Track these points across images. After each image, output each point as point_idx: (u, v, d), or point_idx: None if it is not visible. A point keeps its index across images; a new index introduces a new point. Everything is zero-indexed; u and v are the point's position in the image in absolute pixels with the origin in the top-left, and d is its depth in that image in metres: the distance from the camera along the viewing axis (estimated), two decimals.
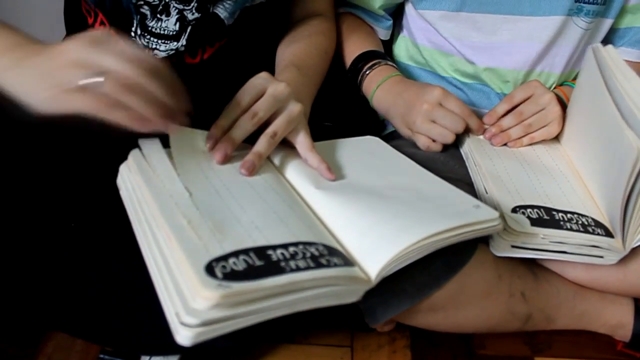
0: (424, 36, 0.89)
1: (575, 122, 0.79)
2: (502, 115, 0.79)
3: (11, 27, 0.55)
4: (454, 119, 0.75)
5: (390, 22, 0.91)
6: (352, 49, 0.87)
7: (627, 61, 0.88)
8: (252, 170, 0.60)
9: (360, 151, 0.73)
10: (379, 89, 0.82)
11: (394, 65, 0.86)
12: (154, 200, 0.52)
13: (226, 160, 0.61)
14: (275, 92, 0.62)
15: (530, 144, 0.80)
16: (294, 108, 0.64)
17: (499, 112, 0.79)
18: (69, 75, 0.48)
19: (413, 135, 0.78)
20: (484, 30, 0.83)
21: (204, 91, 0.79)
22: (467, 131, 0.79)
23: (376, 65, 0.84)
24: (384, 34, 0.92)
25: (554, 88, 0.87)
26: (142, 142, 0.59)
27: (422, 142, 0.77)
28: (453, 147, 0.79)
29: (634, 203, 0.62)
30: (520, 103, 0.78)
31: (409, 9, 0.90)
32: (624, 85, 0.67)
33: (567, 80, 0.89)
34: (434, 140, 0.77)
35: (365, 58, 0.85)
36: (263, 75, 0.64)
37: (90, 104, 0.48)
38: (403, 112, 0.78)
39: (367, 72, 0.84)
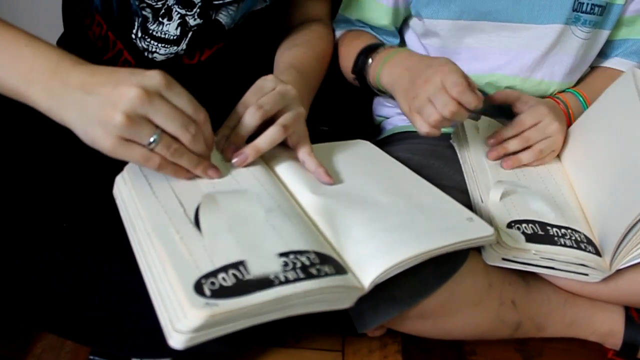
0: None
1: (583, 138, 0.79)
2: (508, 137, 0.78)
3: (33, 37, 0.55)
4: (449, 103, 0.67)
5: (397, 41, 0.90)
6: (355, 53, 0.84)
7: (619, 71, 0.89)
8: (243, 163, 0.61)
9: (353, 155, 0.73)
10: (385, 65, 0.79)
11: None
12: (148, 216, 0.53)
13: (243, 161, 0.61)
14: (283, 90, 0.63)
15: None
16: (300, 109, 0.64)
17: (506, 135, 0.78)
18: (130, 133, 0.51)
19: (410, 115, 0.73)
20: (483, 37, 0.83)
21: (201, 91, 0.79)
22: (469, 142, 0.78)
23: (377, 52, 0.81)
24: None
25: (556, 94, 0.87)
26: None
27: (420, 125, 0.71)
28: (449, 154, 0.80)
29: (635, 230, 0.62)
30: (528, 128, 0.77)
31: (410, 26, 0.90)
32: None
33: (568, 88, 0.88)
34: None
35: (365, 52, 0.82)
36: (270, 77, 0.64)
37: (144, 160, 0.53)
38: (407, 87, 0.74)
39: (370, 61, 0.81)
